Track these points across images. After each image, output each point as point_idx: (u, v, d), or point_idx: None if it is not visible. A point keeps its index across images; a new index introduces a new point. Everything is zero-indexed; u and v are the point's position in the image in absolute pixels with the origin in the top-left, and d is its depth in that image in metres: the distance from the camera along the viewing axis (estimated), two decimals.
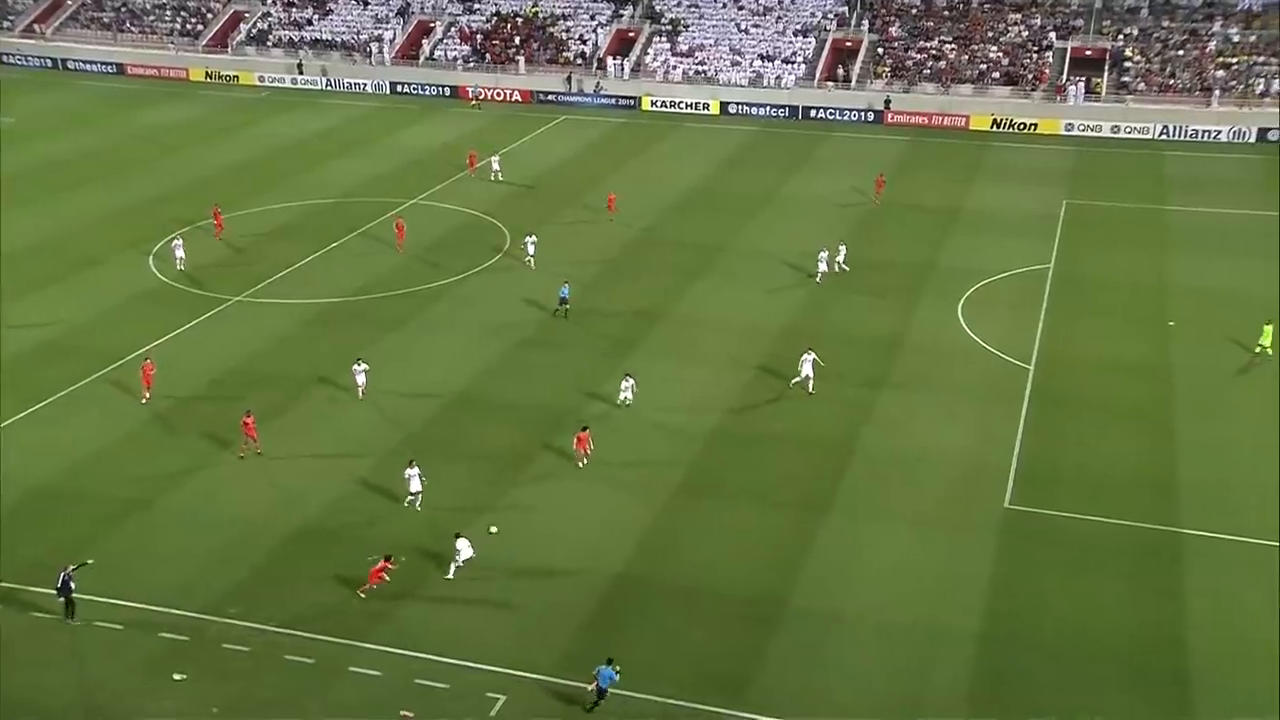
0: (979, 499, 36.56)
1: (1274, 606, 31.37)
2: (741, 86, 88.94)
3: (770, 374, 44.83)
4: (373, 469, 38.13)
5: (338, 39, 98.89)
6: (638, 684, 28.34)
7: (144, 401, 42.06)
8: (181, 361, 45.29)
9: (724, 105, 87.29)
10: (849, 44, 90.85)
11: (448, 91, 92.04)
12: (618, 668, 27.76)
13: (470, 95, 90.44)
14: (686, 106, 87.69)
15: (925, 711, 28.11)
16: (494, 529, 34.08)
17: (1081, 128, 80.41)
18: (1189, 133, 78.43)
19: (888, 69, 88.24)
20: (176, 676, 29.04)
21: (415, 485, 35.60)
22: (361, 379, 42.17)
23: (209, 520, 35.48)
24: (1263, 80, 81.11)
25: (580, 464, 37.92)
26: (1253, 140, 77.22)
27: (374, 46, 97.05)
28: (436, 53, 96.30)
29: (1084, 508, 35.94)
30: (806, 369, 42.56)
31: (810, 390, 42.57)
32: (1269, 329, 45.58)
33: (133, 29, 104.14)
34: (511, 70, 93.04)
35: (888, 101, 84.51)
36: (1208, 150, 76.33)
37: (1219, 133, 77.95)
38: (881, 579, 32.83)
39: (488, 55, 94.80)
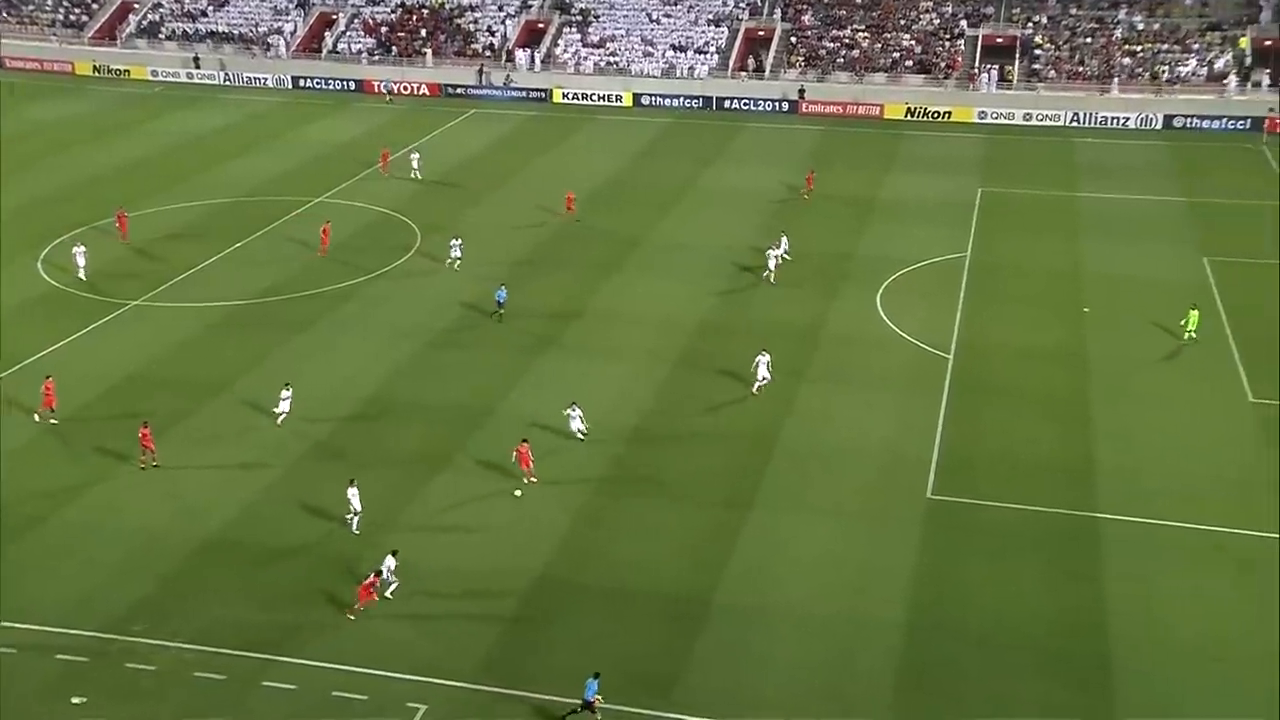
0: (901, 489, 37.15)
1: (1192, 589, 32.35)
2: (654, 78, 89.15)
3: (690, 369, 45.06)
4: (280, 478, 37.51)
5: (235, 31, 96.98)
6: (562, 687, 28.30)
7: (48, 421, 40.59)
8: (77, 370, 44.08)
9: (637, 97, 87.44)
10: (762, 33, 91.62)
11: (353, 86, 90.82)
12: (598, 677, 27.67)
13: (382, 89, 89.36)
14: (599, 98, 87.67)
15: (851, 703, 28.49)
16: (518, 492, 35.69)
17: (994, 115, 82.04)
18: (1098, 119, 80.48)
19: (801, 58, 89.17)
20: (76, 700, 28.25)
21: (356, 504, 34.70)
22: (285, 406, 40.50)
23: (109, 534, 34.59)
24: (1167, 68, 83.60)
25: (528, 481, 36.96)
26: (1159, 127, 79.50)
27: (273, 40, 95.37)
28: (340, 46, 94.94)
29: (1005, 495, 36.72)
30: (762, 370, 42.64)
31: (755, 392, 42.61)
32: (1194, 314, 46.90)
33: (9, 18, 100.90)
34: (419, 63, 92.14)
35: (802, 91, 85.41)
36: (1116, 137, 78.41)
37: (1127, 119, 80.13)
38: (805, 573, 33.17)
39: (394, 48, 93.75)
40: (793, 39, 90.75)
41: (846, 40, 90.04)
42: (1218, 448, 39.40)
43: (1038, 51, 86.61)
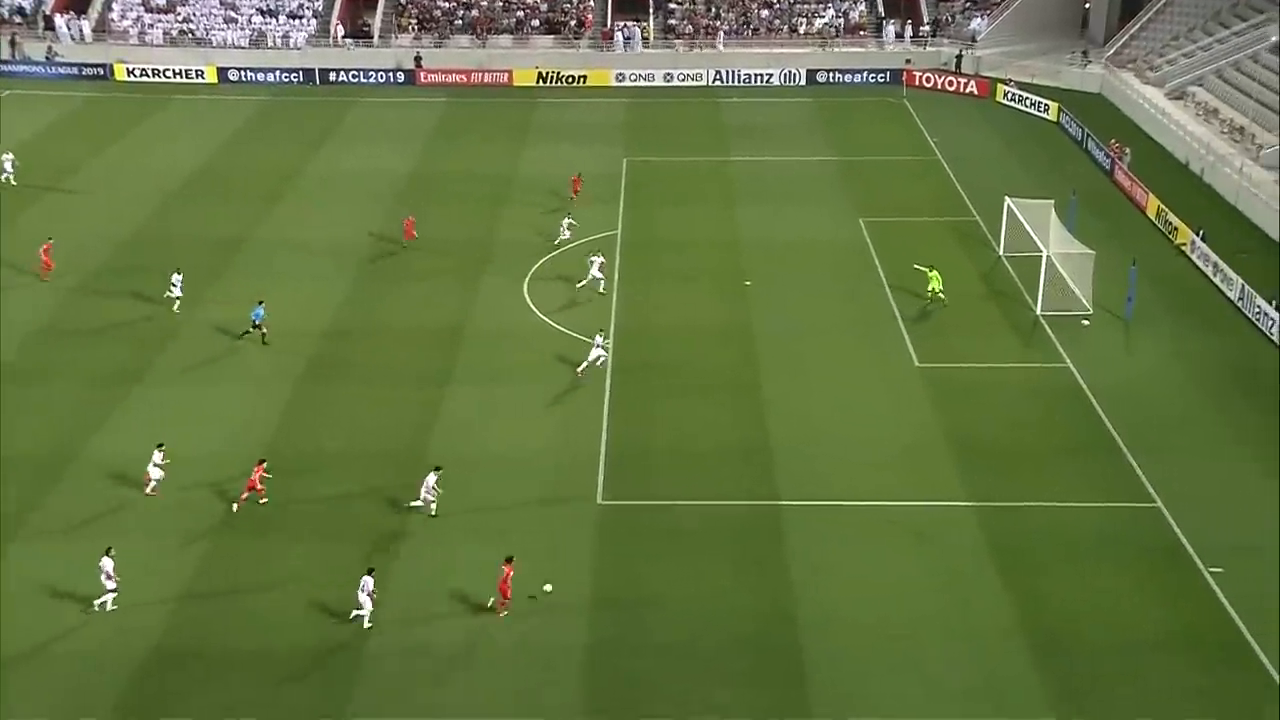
0: (569, 499, 38.14)
1: (872, 567, 35.27)
2: (241, 48, 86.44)
3: (322, 382, 44.32)
4: None
5: None
6: None
7: None
8: None
9: (222, 72, 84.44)
10: None
11: None
12: None
13: None
14: (175, 75, 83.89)
15: None
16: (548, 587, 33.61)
17: (633, 77, 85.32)
18: (741, 77, 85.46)
19: (414, 21, 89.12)
20: None
21: (110, 584, 32.94)
22: (157, 473, 37.61)
23: None
24: (804, 20, 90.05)
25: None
26: (803, 83, 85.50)
27: None
28: None
29: (681, 491, 38.50)
30: (596, 352, 44.88)
31: (598, 364, 44.80)
32: (935, 275, 50.53)
33: None
34: None
35: (418, 59, 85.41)
36: (762, 95, 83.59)
37: (770, 76, 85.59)
38: (471, 604, 33.44)
39: None
40: None
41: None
42: (888, 417, 42.98)
43: (673, 6, 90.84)
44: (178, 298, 49.67)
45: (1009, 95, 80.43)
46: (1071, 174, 65.85)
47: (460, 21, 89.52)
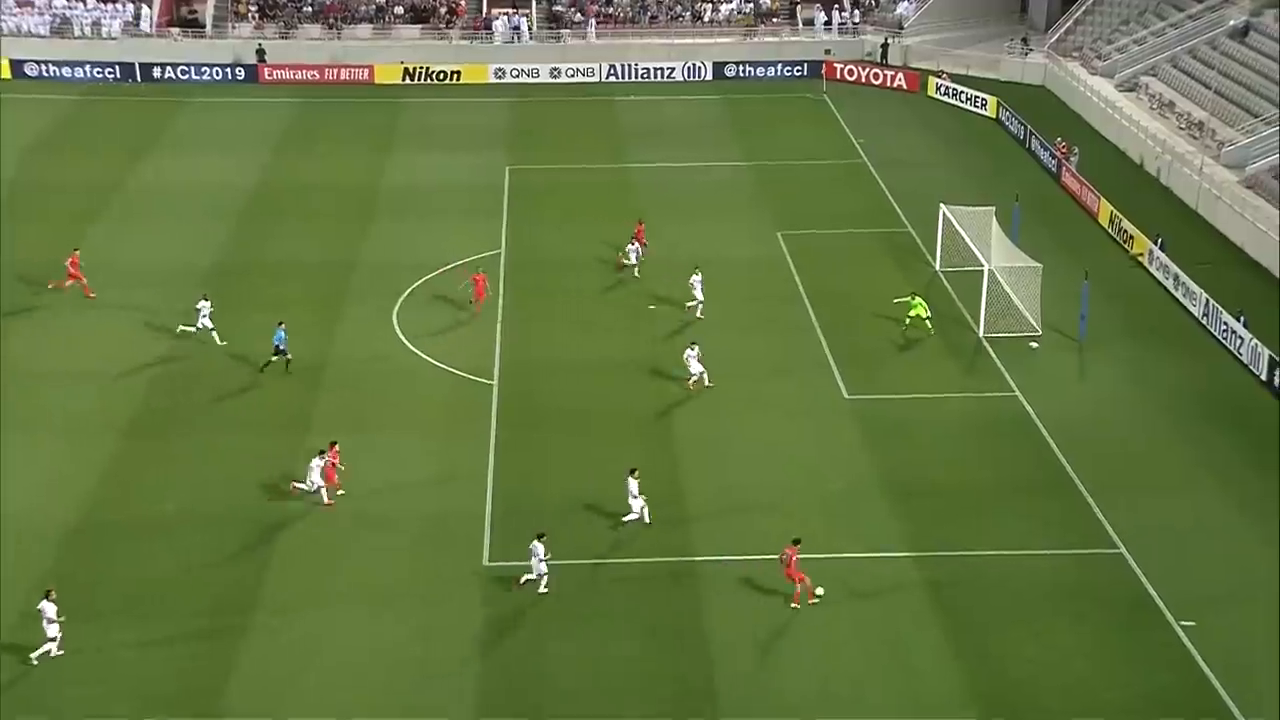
0: (451, 562, 37.94)
1: (803, 629, 35.56)
2: (42, 38, 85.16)
3: (150, 436, 43.71)
4: None
5: None
6: None
7: None
8: None
9: (18, 66, 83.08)
10: None
11: None
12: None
13: None
14: None
15: None
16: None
17: (515, 73, 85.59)
18: (639, 72, 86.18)
19: (254, 8, 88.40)
20: None
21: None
22: (317, 477, 40.13)
23: None
24: (710, 5, 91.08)
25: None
26: (709, 77, 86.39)
27: None
28: None
29: (580, 550, 38.36)
30: (694, 366, 46.27)
31: (707, 383, 46.65)
32: (919, 302, 50.72)
33: None
34: None
35: (261, 52, 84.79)
36: (663, 91, 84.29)
37: (672, 70, 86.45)
38: (346, 679, 33.20)
39: None
40: None
41: None
42: (816, 458, 43.32)
43: None
44: (212, 329, 49.44)
45: (941, 89, 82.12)
46: (1014, 177, 67.32)
47: (310, 8, 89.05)
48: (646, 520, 39.29)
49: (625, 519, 39.28)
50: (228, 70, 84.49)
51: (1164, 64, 76.71)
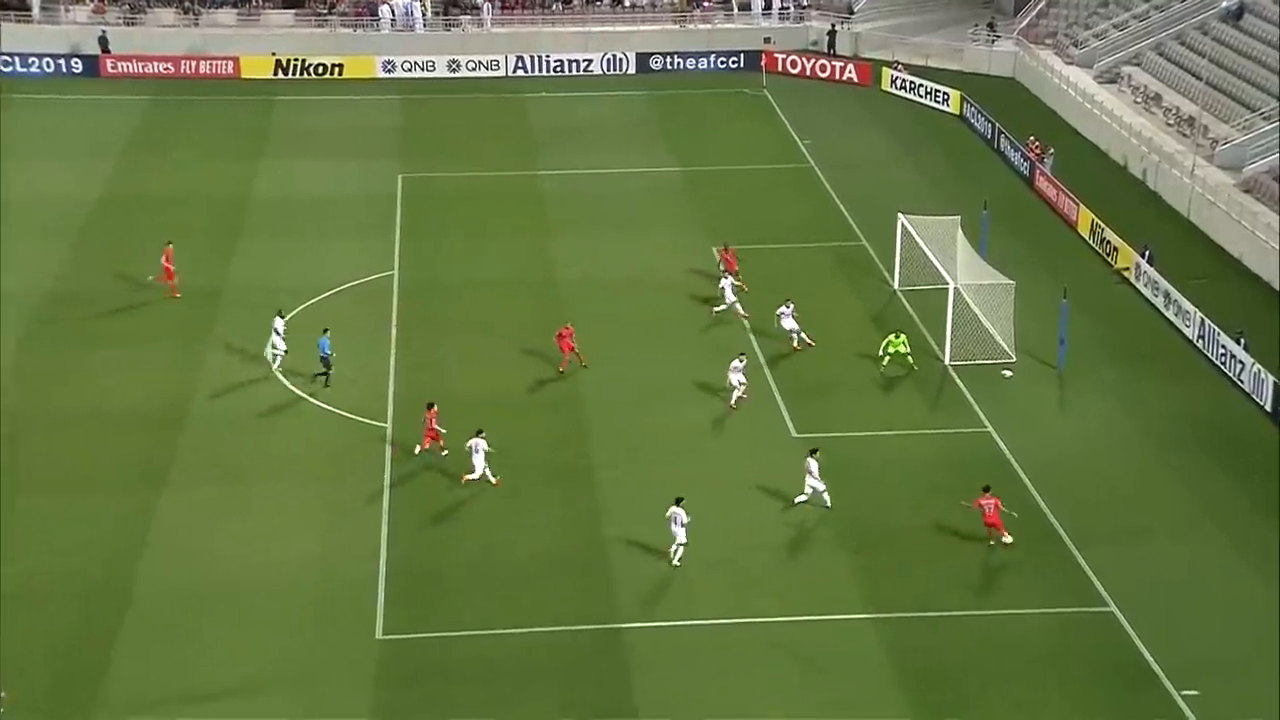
0: (339, 637, 37.54)
1: (748, 704, 35.47)
2: None
3: None
4: None
5: None
6: None
7: None
8: None
9: None
10: None
11: None
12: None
13: None
14: None
15: None
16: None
17: (407, 67, 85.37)
18: (552, 65, 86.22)
19: None
20: None
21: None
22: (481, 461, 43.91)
23: None
24: None
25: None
26: (632, 70, 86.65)
27: None
28: None
29: (490, 619, 38.14)
30: (737, 378, 47.99)
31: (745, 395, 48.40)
32: (902, 339, 50.68)
33: None
34: None
35: (104, 41, 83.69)
36: (580, 86, 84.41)
37: (590, 62, 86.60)
38: None
39: None
40: None
41: None
42: (760, 506, 43.29)
43: None
44: (284, 352, 50.13)
45: (898, 82, 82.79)
46: (981, 182, 67.94)
47: None
48: (828, 504, 42.49)
49: (797, 500, 42.73)
50: (62, 62, 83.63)
51: (1148, 51, 77.75)
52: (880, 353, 50.80)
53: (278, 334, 50.04)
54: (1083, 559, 40.85)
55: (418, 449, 45.01)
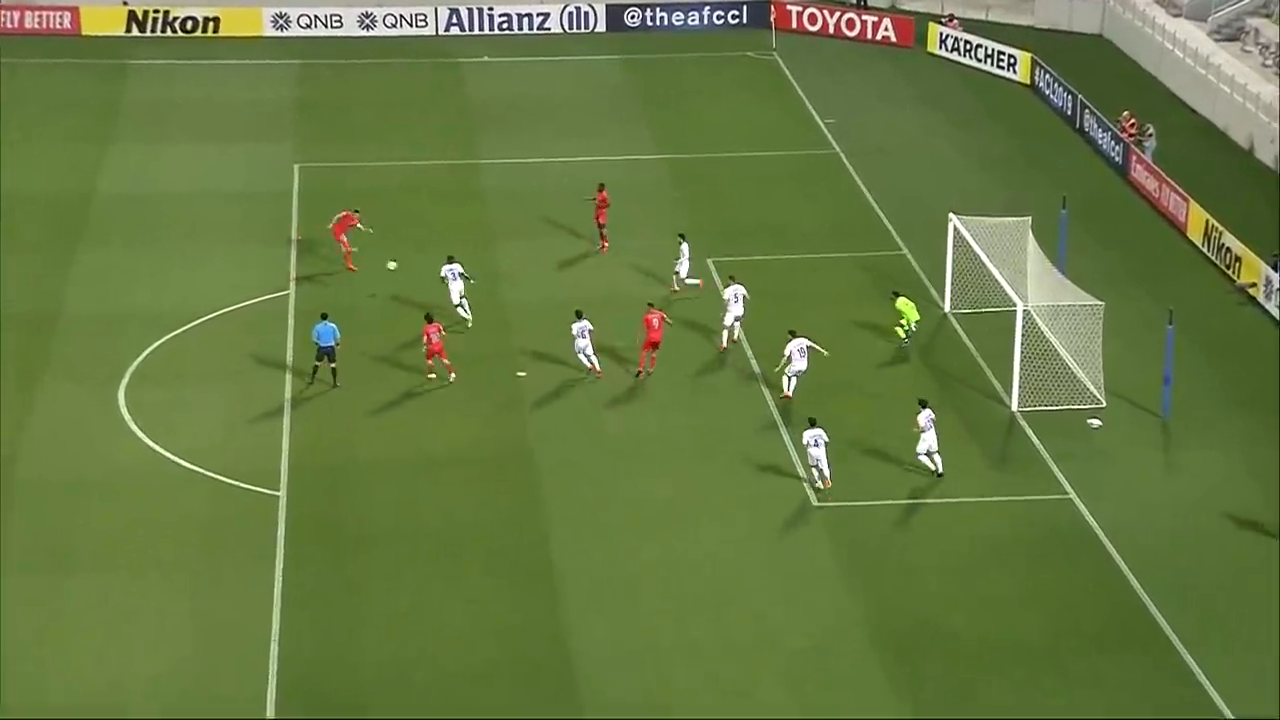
0: None
1: None
2: None
3: None
4: None
5: None
6: None
7: None
8: None
9: None
10: None
11: None
12: None
13: None
14: None
15: None
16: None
17: (305, 22, 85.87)
18: (497, 21, 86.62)
19: None
20: None
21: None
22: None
23: None
24: None
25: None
26: (602, 28, 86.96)
27: None
28: None
29: None
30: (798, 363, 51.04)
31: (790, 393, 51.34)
32: (909, 305, 52.90)
33: None
34: None
35: None
36: (533, 50, 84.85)
37: (545, 17, 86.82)
38: None
39: None
40: None
41: None
42: (772, 600, 43.17)
43: None
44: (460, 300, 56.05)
45: (948, 42, 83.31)
46: (1058, 172, 68.26)
47: None
48: (940, 470, 47.87)
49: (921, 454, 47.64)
50: None
51: None
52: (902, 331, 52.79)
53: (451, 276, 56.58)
54: (1196, 667, 40.41)
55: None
